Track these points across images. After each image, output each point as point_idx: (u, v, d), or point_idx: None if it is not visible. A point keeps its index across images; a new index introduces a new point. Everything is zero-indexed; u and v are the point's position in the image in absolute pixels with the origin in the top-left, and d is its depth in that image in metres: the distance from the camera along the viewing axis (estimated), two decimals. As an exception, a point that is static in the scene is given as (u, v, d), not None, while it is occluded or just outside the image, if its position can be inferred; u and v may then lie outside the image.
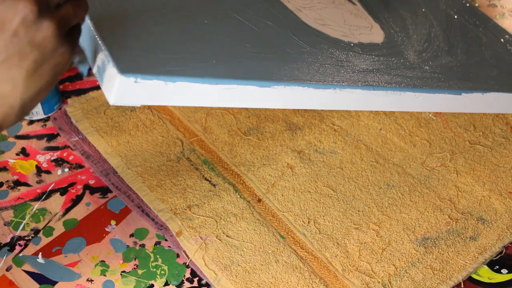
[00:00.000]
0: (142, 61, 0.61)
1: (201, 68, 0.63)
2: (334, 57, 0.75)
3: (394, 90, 0.72)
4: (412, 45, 0.86)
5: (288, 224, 0.78)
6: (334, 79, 0.70)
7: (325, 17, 0.84)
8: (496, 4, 1.14)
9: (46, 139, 0.88)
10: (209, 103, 0.63)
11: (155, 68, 0.60)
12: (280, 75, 0.67)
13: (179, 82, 0.60)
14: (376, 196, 0.81)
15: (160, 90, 0.60)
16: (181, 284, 0.73)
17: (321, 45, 0.77)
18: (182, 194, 0.80)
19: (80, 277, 0.73)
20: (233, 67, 0.65)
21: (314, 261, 0.74)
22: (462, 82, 0.80)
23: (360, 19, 0.88)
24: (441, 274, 0.73)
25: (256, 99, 0.65)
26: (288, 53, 0.72)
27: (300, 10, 0.83)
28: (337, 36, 0.81)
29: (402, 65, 0.79)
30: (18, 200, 0.81)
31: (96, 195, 0.82)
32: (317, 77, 0.69)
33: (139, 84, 0.58)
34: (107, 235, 0.77)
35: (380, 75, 0.74)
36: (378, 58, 0.79)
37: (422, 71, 0.79)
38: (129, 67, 0.58)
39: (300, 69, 0.69)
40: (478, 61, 0.88)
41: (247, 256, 0.74)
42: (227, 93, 0.63)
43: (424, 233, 0.78)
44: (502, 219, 0.79)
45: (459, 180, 0.84)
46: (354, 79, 0.72)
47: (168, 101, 0.61)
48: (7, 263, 0.74)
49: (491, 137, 0.90)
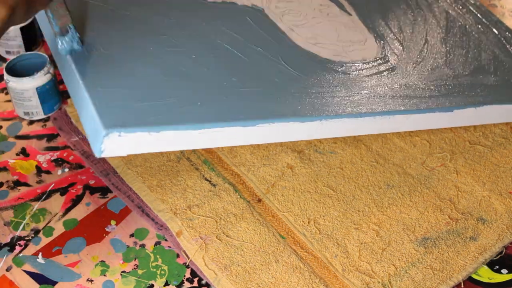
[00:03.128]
0: (126, 113, 0.62)
1: (185, 112, 0.64)
2: (322, 83, 0.75)
3: (382, 115, 0.72)
4: (406, 58, 0.85)
5: (288, 224, 0.78)
6: (320, 110, 0.70)
7: (318, 35, 0.84)
8: (496, 4, 1.14)
9: (46, 139, 0.88)
10: (194, 146, 0.64)
11: (138, 119, 0.61)
12: (265, 112, 0.67)
13: (162, 131, 0.61)
14: (376, 196, 0.81)
15: (144, 140, 0.61)
16: (181, 284, 0.73)
17: (310, 69, 0.76)
18: (182, 194, 0.80)
19: (80, 277, 0.73)
20: (218, 108, 0.66)
21: (314, 261, 0.74)
22: (454, 97, 0.79)
23: (354, 33, 0.87)
24: (441, 274, 0.73)
25: (241, 138, 0.66)
26: (276, 83, 0.72)
27: (292, 30, 0.82)
28: (328, 56, 0.80)
29: (393, 84, 0.78)
30: (18, 200, 0.81)
31: (96, 195, 0.82)
32: (303, 108, 0.69)
33: (123, 137, 0.60)
34: (107, 235, 0.77)
35: (368, 99, 0.74)
36: (369, 78, 0.78)
37: (414, 88, 0.79)
38: (112, 122, 0.60)
39: (286, 102, 0.70)
40: (474, 68, 0.87)
41: (247, 256, 0.74)
42: (212, 135, 0.64)
43: (424, 233, 0.78)
44: (502, 219, 0.79)
45: (459, 180, 0.84)
46: (341, 106, 0.71)
47: (153, 149, 0.62)
48: (7, 263, 0.74)
49: (491, 137, 0.90)
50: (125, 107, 0.62)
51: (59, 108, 0.92)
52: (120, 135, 0.60)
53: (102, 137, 0.59)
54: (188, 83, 0.68)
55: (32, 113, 0.90)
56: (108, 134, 0.59)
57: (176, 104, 0.65)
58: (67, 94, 0.94)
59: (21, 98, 0.88)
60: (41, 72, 0.87)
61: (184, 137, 0.62)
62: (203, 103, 0.66)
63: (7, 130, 0.90)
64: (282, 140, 0.69)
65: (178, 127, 0.62)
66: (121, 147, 0.60)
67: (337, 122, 0.70)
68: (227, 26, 0.77)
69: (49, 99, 0.89)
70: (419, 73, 0.82)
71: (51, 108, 0.91)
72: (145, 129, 0.61)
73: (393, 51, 0.85)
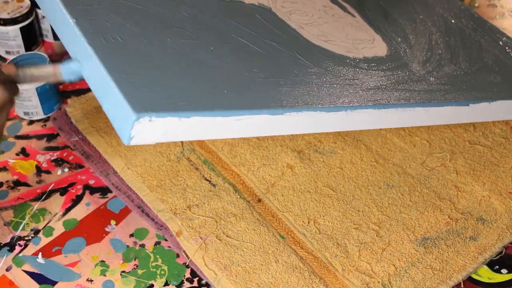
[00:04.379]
0: (155, 98, 0.60)
1: (213, 100, 0.63)
2: (342, 75, 0.75)
3: (404, 107, 0.72)
4: (415, 56, 0.85)
5: (288, 224, 0.78)
6: (344, 101, 0.70)
7: (327, 33, 0.84)
8: (496, 4, 1.14)
9: (46, 139, 0.88)
10: (224, 135, 0.63)
11: (168, 104, 0.60)
12: (291, 101, 0.66)
13: (193, 117, 0.60)
14: (376, 196, 0.81)
15: (175, 126, 0.59)
16: (181, 284, 0.73)
17: (327, 63, 0.77)
18: (182, 194, 0.80)
19: (80, 277, 0.73)
20: (244, 96, 0.65)
21: (314, 261, 0.74)
22: (468, 92, 0.80)
23: (361, 32, 0.88)
24: (441, 274, 0.73)
25: (269, 127, 0.65)
26: (296, 75, 0.72)
27: (302, 27, 0.82)
28: (341, 52, 0.81)
29: (408, 79, 0.79)
30: (18, 200, 0.81)
31: (96, 195, 0.82)
32: (327, 99, 0.69)
33: (153, 122, 0.58)
34: (107, 235, 0.77)
35: (389, 92, 0.74)
36: (384, 73, 0.79)
37: (428, 83, 0.79)
38: (143, 106, 0.58)
39: (310, 93, 0.69)
40: (480, 67, 0.88)
41: (247, 256, 0.74)
42: (240, 123, 0.63)
43: (424, 233, 0.78)
44: (502, 219, 0.79)
45: (459, 180, 0.84)
46: (364, 98, 0.71)
47: (182, 137, 0.61)
48: (7, 263, 0.74)
49: (491, 137, 0.90)
50: (153, 93, 0.61)
51: (59, 108, 0.92)
52: (150, 120, 0.58)
53: (132, 122, 0.57)
54: (211, 73, 0.67)
55: (32, 113, 0.90)
56: (139, 119, 0.57)
57: (203, 91, 0.64)
58: (67, 94, 0.94)
59: (21, 98, 0.88)
60: (41, 72, 0.87)
61: (213, 124, 0.62)
62: (229, 91, 0.65)
63: (7, 130, 0.90)
64: (307, 131, 0.68)
65: (209, 112, 0.61)
66: (151, 133, 0.58)
67: (361, 113, 0.69)
68: (239, 22, 0.77)
69: (49, 99, 0.89)
70: (430, 70, 0.83)
71: (51, 108, 0.91)
72: (175, 114, 0.59)
73: (402, 50, 0.86)
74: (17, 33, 0.98)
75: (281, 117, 0.64)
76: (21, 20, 0.97)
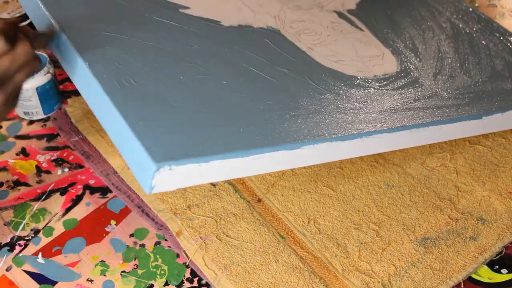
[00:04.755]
0: (173, 144, 0.60)
1: (230, 140, 0.63)
2: (354, 99, 0.75)
3: (418, 127, 0.73)
4: (425, 69, 0.85)
5: (288, 224, 0.78)
6: (359, 127, 0.70)
7: (337, 52, 0.84)
8: (496, 4, 1.14)
9: (46, 139, 0.88)
10: (242, 174, 0.63)
11: (186, 151, 0.60)
12: (306, 133, 0.67)
13: (212, 161, 0.60)
14: (376, 196, 0.81)
15: (194, 172, 0.60)
16: (181, 284, 0.73)
17: (339, 87, 0.77)
18: (182, 194, 0.80)
19: (80, 277, 0.73)
20: (260, 133, 0.65)
21: (314, 261, 0.74)
22: (480, 103, 0.80)
23: (371, 47, 0.87)
24: (441, 274, 0.73)
25: (287, 161, 0.65)
26: (310, 103, 0.72)
27: (312, 49, 0.82)
28: (352, 72, 0.81)
29: (420, 96, 0.79)
30: (18, 200, 0.81)
31: (96, 195, 0.82)
32: (342, 128, 0.69)
33: (173, 170, 0.58)
34: (107, 235, 0.77)
35: (402, 113, 0.74)
36: (396, 92, 0.79)
37: (440, 98, 0.79)
38: (162, 155, 0.58)
39: (324, 122, 0.69)
40: (491, 74, 0.87)
41: (247, 256, 0.74)
42: (259, 161, 0.63)
43: (424, 233, 0.78)
44: (502, 219, 0.79)
45: (459, 180, 0.84)
46: (377, 122, 0.71)
47: (202, 180, 0.61)
48: (7, 263, 0.74)
49: (491, 137, 0.90)
50: (171, 139, 0.61)
51: (59, 108, 0.92)
52: (171, 169, 0.58)
53: (153, 173, 0.57)
54: (226, 109, 0.67)
55: (32, 113, 0.90)
56: (159, 169, 0.57)
57: (220, 132, 0.64)
58: (67, 94, 0.94)
59: (21, 98, 0.88)
60: (41, 72, 0.87)
61: (233, 165, 0.62)
62: (245, 129, 0.65)
63: (7, 130, 0.90)
64: (324, 161, 0.69)
65: (227, 155, 0.61)
66: (171, 181, 0.59)
67: (375, 138, 0.70)
68: (249, 50, 0.77)
69: (49, 99, 0.89)
70: (441, 83, 0.83)
71: (51, 108, 0.91)
72: (195, 160, 0.59)
73: (411, 63, 0.86)
74: (17, 33, 0.98)
75: (298, 151, 0.65)
76: (21, 20, 0.97)
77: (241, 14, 0.84)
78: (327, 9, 0.93)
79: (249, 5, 0.87)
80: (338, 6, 0.95)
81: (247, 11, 0.85)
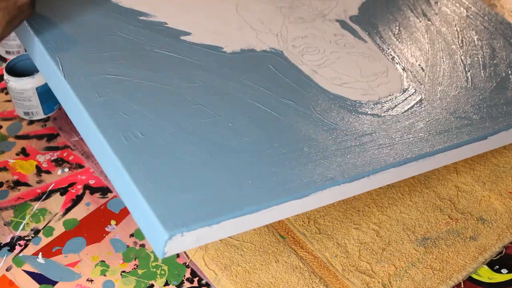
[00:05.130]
0: (183, 209, 0.61)
1: (239, 196, 0.63)
2: (360, 133, 0.75)
3: (424, 157, 0.73)
4: (431, 83, 0.84)
5: (288, 224, 0.78)
6: (365, 167, 0.70)
7: (341, 73, 0.83)
8: (496, 4, 1.14)
9: (46, 139, 0.88)
10: (253, 226, 0.64)
11: (196, 214, 0.60)
12: (315, 178, 0.67)
13: (223, 222, 0.61)
14: (376, 196, 0.81)
15: (205, 233, 0.60)
16: (181, 284, 0.73)
17: (345, 117, 0.76)
18: (182, 194, 0.80)
19: (80, 277, 0.73)
20: (270, 185, 0.65)
21: (314, 261, 0.74)
22: (486, 124, 0.79)
23: (375, 63, 0.86)
24: (441, 274, 0.73)
25: (296, 209, 0.66)
26: (317, 141, 0.72)
27: (315, 72, 0.81)
28: (357, 97, 0.80)
29: (426, 117, 0.78)
30: (18, 200, 0.81)
31: (96, 195, 0.82)
32: (350, 169, 0.69)
33: (185, 236, 0.59)
34: (107, 235, 0.77)
35: (407, 144, 0.74)
36: (402, 117, 0.78)
37: (447, 121, 0.79)
38: (172, 223, 0.59)
39: (331, 163, 0.69)
40: (497, 84, 0.86)
41: (247, 256, 0.74)
42: (268, 214, 0.64)
43: (424, 233, 0.78)
44: (502, 219, 0.79)
45: (459, 180, 0.84)
46: (383, 157, 0.71)
47: (213, 239, 0.61)
48: (7, 263, 0.74)
49: (491, 137, 0.90)
50: (181, 202, 0.61)
51: (59, 108, 0.92)
52: (182, 235, 0.59)
53: (165, 241, 0.58)
54: (234, 159, 0.67)
55: (32, 113, 0.90)
56: (172, 237, 0.58)
57: (229, 187, 0.64)
58: (67, 94, 0.94)
59: (21, 98, 0.88)
60: (41, 72, 0.87)
61: (244, 221, 0.62)
62: (254, 181, 0.65)
63: (7, 130, 0.90)
64: (331, 201, 0.69)
65: (238, 213, 0.61)
66: (183, 244, 0.59)
67: (382, 175, 0.70)
68: (253, 80, 0.77)
69: (49, 99, 0.90)
70: (448, 104, 0.82)
71: (51, 108, 0.91)
72: (205, 224, 0.60)
73: (416, 79, 0.85)
74: (17, 33, 0.98)
75: (307, 199, 0.66)
76: (21, 20, 0.97)
77: (243, 35, 0.83)
78: (330, 18, 0.92)
79: (251, 23, 0.86)
80: (341, 12, 0.94)
81: (248, 31, 0.84)
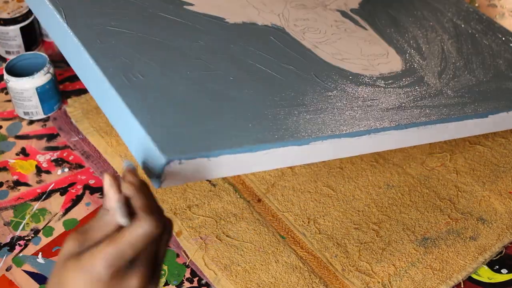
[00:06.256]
0: (182, 139, 0.60)
1: (239, 135, 0.63)
2: (361, 96, 0.75)
3: (425, 125, 0.72)
4: (430, 67, 0.85)
5: (288, 224, 0.78)
6: (367, 124, 0.70)
7: (342, 50, 0.84)
8: (496, 4, 1.14)
9: (46, 139, 0.88)
10: (251, 169, 0.63)
11: (196, 145, 0.60)
12: (315, 129, 0.67)
13: (221, 156, 0.60)
14: (376, 196, 0.81)
15: (204, 166, 0.59)
16: (181, 284, 0.73)
17: (345, 84, 0.77)
18: (182, 194, 0.80)
19: (80, 277, 0.73)
20: (269, 129, 0.65)
21: (314, 261, 0.74)
22: (486, 102, 0.80)
23: (375, 46, 0.87)
24: (441, 274, 0.73)
25: (295, 157, 0.65)
26: (317, 100, 0.72)
27: (316, 47, 0.82)
28: (358, 70, 0.80)
29: (426, 93, 0.79)
30: (18, 200, 0.81)
31: (96, 195, 0.82)
32: (350, 124, 0.69)
33: (183, 164, 0.58)
34: (107, 235, 0.77)
35: (408, 111, 0.74)
36: (402, 90, 0.79)
37: (446, 96, 0.79)
38: (172, 149, 0.58)
39: (332, 118, 0.69)
40: (495, 74, 0.87)
41: (247, 256, 0.74)
42: (268, 157, 0.63)
43: (424, 233, 0.78)
44: (502, 219, 0.79)
45: (459, 180, 0.84)
46: (385, 119, 0.71)
47: (211, 175, 0.61)
48: (7, 263, 0.74)
49: (491, 137, 0.90)
50: (180, 134, 0.61)
51: (59, 108, 0.92)
52: (180, 163, 0.57)
53: (162, 166, 0.57)
54: (234, 105, 0.67)
55: (32, 113, 0.90)
56: (169, 163, 0.57)
57: (229, 127, 0.64)
58: (67, 94, 0.94)
59: (21, 98, 0.88)
60: (41, 72, 0.87)
61: (242, 160, 0.62)
62: (254, 124, 0.65)
63: (7, 130, 0.90)
64: (331, 158, 0.68)
65: (237, 150, 0.61)
66: (180, 175, 0.58)
67: (383, 135, 0.70)
68: (254, 47, 0.77)
69: (49, 99, 0.90)
70: (446, 82, 0.83)
71: (51, 108, 0.91)
72: (204, 154, 0.59)
73: (416, 63, 0.86)
74: (17, 33, 0.98)
75: (307, 147, 0.65)
76: (21, 20, 0.97)
77: (245, 12, 0.84)
78: (331, 8, 0.93)
79: (253, 3, 0.87)
80: (341, 5, 0.95)
81: (251, 9, 0.85)
